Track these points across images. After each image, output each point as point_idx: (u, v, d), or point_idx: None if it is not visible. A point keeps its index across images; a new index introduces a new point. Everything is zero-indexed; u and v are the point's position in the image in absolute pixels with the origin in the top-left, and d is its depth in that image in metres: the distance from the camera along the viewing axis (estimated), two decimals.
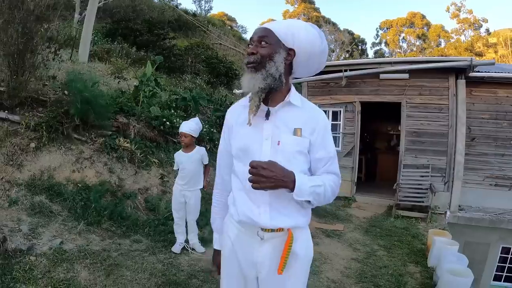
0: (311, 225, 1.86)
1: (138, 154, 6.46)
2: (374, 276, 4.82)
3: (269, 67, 1.68)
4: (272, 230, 1.71)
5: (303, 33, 1.73)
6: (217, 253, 2.01)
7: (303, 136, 1.71)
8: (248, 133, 1.73)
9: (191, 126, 4.64)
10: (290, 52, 1.73)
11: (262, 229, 1.71)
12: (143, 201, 5.94)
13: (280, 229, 1.71)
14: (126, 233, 4.95)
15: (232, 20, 42.81)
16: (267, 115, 1.71)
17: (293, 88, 1.79)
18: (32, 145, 5.32)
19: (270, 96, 1.72)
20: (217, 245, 2.01)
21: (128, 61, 12.17)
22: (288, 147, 1.69)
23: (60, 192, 5.06)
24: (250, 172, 1.56)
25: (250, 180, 1.56)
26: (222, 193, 1.97)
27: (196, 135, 4.71)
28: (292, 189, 1.60)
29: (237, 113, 1.81)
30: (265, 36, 1.69)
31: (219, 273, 1.97)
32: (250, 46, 1.74)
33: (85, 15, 11.39)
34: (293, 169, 1.62)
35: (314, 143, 1.74)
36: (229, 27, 35.48)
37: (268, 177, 1.55)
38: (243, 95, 2.15)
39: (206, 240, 5.08)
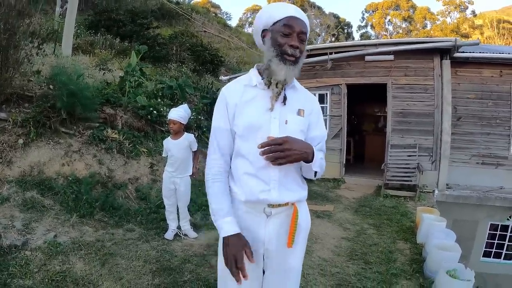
0: None
1: (127, 144, 6.46)
2: (365, 253, 4.93)
3: (301, 62, 1.78)
4: (279, 205, 1.78)
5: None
6: (241, 236, 1.72)
7: (305, 117, 1.82)
8: (256, 112, 1.75)
9: (179, 113, 4.65)
10: None
11: (269, 206, 1.77)
12: (134, 190, 5.97)
13: (286, 204, 1.79)
14: (118, 223, 5.00)
15: (216, 7, 42.47)
16: (285, 99, 1.78)
17: None
18: (20, 141, 5.31)
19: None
20: (236, 228, 1.73)
21: (112, 52, 12.07)
22: (294, 126, 1.77)
23: (51, 186, 5.07)
24: (270, 150, 1.61)
25: (273, 157, 1.62)
26: (224, 175, 1.85)
27: (184, 122, 4.73)
28: (311, 160, 1.72)
29: (239, 92, 1.80)
30: (305, 33, 1.74)
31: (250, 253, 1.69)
32: (287, 34, 1.70)
33: (66, 8, 11.22)
34: None
35: (311, 123, 1.87)
36: (214, 14, 35.21)
37: (293, 150, 1.62)
38: (229, 81, 2.11)
39: (198, 225, 5.14)
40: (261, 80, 1.79)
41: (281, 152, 1.61)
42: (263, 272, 1.89)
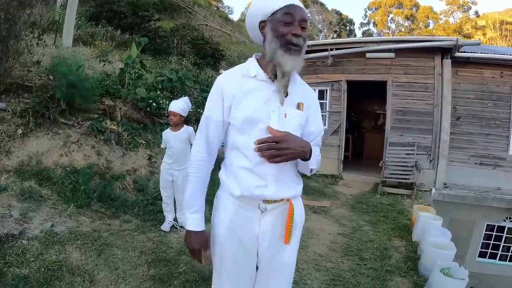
0: None
1: (125, 136, 6.46)
2: (360, 249, 4.96)
3: (303, 50, 1.72)
4: (275, 201, 1.75)
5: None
6: (202, 234, 1.81)
7: (304, 111, 1.79)
8: (254, 104, 1.70)
9: (180, 105, 4.67)
10: None
11: (264, 201, 1.74)
12: (132, 182, 5.98)
13: (282, 200, 1.76)
14: (115, 213, 5.01)
15: (218, 0, 42.25)
16: (286, 93, 1.74)
17: None
18: (19, 131, 5.30)
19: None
20: (201, 226, 1.81)
21: (113, 44, 12.03)
22: (293, 119, 1.74)
23: (49, 176, 5.07)
24: (268, 147, 1.60)
25: (270, 155, 1.60)
26: (207, 167, 1.82)
27: (185, 114, 4.75)
28: (309, 158, 1.70)
29: (237, 82, 1.74)
30: (306, 20, 1.71)
31: (205, 250, 1.84)
32: (289, 23, 1.67)
33: None
34: None
35: (309, 117, 1.83)
36: (215, 8, 35.00)
37: (290, 149, 1.60)
38: None
39: None
40: (261, 71, 1.73)
41: (278, 150, 1.59)
42: (257, 268, 1.87)
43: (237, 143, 1.74)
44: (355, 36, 42.47)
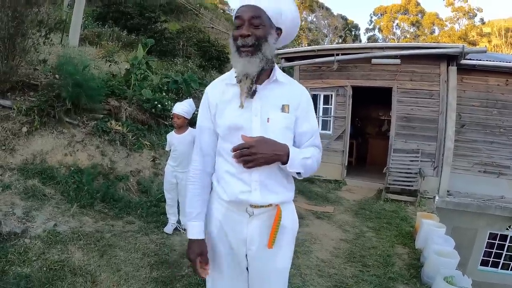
0: (301, 207, 1.91)
1: (130, 137, 6.47)
2: (363, 256, 4.93)
3: (264, 49, 1.64)
4: (261, 206, 1.73)
5: (289, 11, 1.74)
6: (200, 243, 1.78)
7: (290, 112, 1.74)
8: (236, 111, 1.70)
9: (184, 108, 4.64)
10: (278, 32, 1.72)
11: (251, 206, 1.73)
12: (135, 183, 5.98)
13: (269, 205, 1.74)
14: (118, 214, 5.00)
15: (225, 3, 42.34)
16: (253, 93, 1.69)
17: (276, 65, 1.77)
18: (24, 129, 5.32)
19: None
20: (201, 234, 1.80)
21: (119, 45, 12.08)
22: (277, 123, 1.70)
23: (53, 175, 5.08)
24: (240, 154, 1.58)
25: (243, 161, 1.59)
26: (203, 176, 1.85)
27: (189, 116, 4.71)
28: (286, 161, 1.64)
29: (220, 91, 1.77)
30: (258, 16, 1.61)
31: (206, 264, 1.79)
32: (239, 26, 1.65)
33: None
34: None
35: (299, 117, 1.77)
36: (222, 11, 35.07)
37: (260, 153, 1.57)
38: None
39: None
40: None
41: (249, 155, 1.58)
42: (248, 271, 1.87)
43: (222, 149, 1.77)
44: (360, 41, 42.43)
